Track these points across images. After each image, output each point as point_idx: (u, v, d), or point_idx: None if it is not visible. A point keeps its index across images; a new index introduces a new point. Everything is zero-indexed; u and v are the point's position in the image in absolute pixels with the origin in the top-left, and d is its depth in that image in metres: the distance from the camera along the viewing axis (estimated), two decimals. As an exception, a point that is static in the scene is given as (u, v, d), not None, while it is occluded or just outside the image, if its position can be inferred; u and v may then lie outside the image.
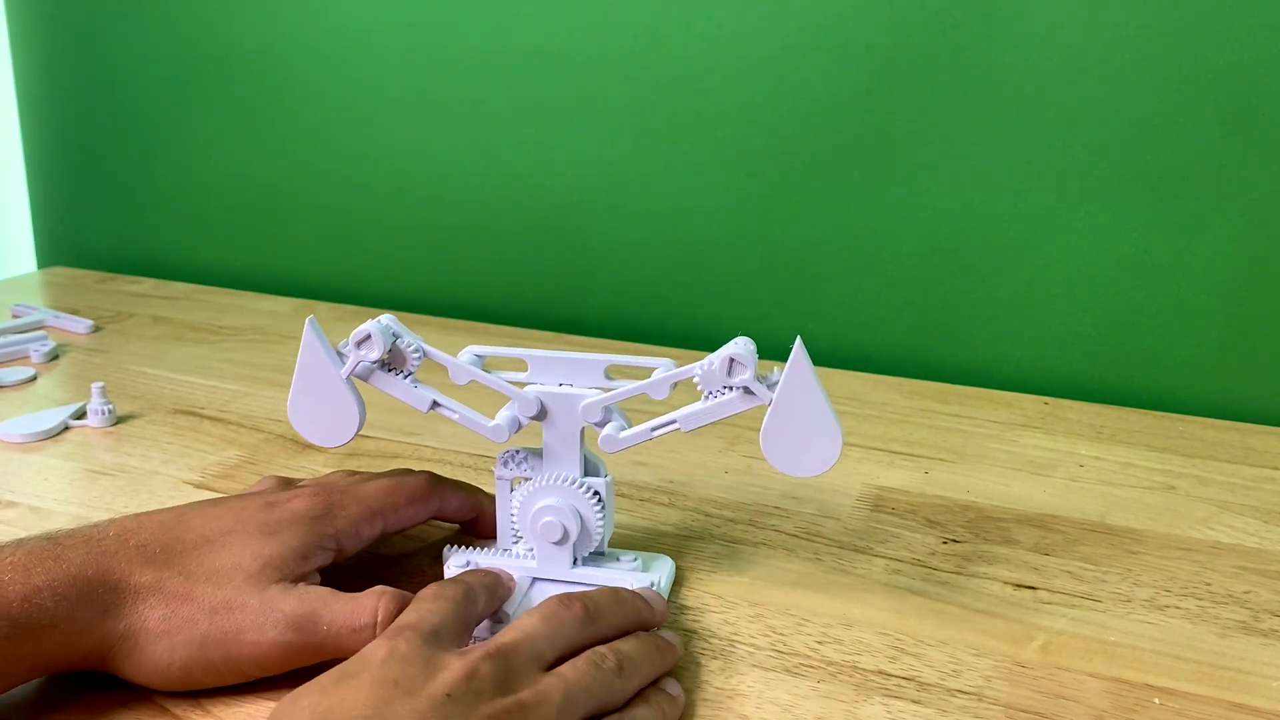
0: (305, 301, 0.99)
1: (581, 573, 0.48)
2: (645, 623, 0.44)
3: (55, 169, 1.12)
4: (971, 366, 0.82)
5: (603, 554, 0.50)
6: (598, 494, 0.48)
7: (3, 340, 0.81)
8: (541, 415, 0.47)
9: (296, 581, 0.43)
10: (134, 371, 0.79)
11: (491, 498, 0.51)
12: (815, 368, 0.44)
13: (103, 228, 1.11)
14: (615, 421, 0.47)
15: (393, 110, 0.95)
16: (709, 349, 0.53)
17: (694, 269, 0.88)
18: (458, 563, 0.48)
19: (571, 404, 0.47)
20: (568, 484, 0.47)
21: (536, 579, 0.49)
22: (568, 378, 0.48)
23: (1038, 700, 0.43)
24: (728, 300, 0.88)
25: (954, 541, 0.56)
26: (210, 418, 0.70)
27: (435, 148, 0.94)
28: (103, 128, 1.07)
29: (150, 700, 0.42)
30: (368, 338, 0.46)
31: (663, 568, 0.50)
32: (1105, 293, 0.77)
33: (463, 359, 0.49)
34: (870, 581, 0.52)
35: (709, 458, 0.65)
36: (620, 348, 0.84)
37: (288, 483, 0.51)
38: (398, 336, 0.47)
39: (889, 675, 0.44)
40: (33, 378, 0.76)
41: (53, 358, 0.81)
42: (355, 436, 0.47)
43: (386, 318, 0.47)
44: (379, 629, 0.41)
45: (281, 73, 0.98)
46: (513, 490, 0.49)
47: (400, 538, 0.54)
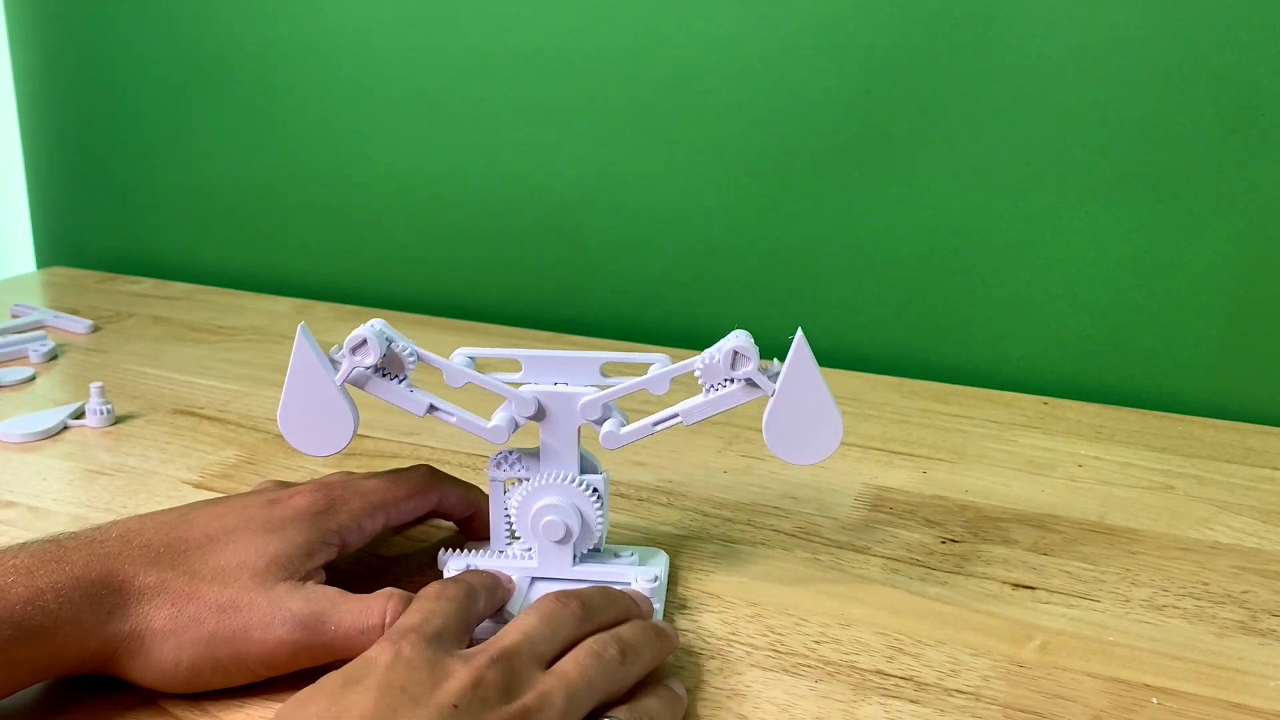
0: (305, 301, 0.99)
1: (582, 570, 0.48)
2: (638, 616, 0.44)
3: (55, 169, 1.12)
4: (971, 366, 0.82)
5: (600, 550, 0.50)
6: (596, 491, 0.48)
7: (2, 340, 0.81)
8: (539, 415, 0.47)
9: (303, 579, 0.43)
10: (133, 371, 0.79)
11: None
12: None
13: (102, 228, 1.11)
14: (614, 418, 0.47)
15: (393, 110, 0.95)
16: (708, 349, 0.53)
17: (694, 269, 0.88)
18: (456, 565, 0.48)
19: (570, 402, 0.47)
20: (567, 482, 0.47)
21: (536, 578, 0.48)
22: (563, 376, 0.48)
23: (1036, 700, 0.43)
24: (728, 300, 0.88)
25: (952, 541, 0.56)
26: (209, 418, 0.70)
27: (435, 148, 0.94)
28: (103, 128, 1.07)
29: (153, 703, 0.41)
30: (363, 343, 0.45)
31: (660, 562, 0.50)
32: (1105, 293, 0.77)
33: (455, 361, 0.48)
34: (868, 581, 0.52)
35: (707, 457, 0.65)
36: (620, 348, 0.84)
37: (287, 485, 0.50)
38: (391, 340, 0.46)
39: (887, 675, 0.44)
40: (32, 377, 0.76)
41: (52, 358, 0.81)
42: (349, 444, 0.47)
43: (379, 322, 0.46)
44: (386, 631, 0.41)
45: (281, 73, 0.98)
46: (506, 491, 0.49)
47: (400, 538, 0.54)
